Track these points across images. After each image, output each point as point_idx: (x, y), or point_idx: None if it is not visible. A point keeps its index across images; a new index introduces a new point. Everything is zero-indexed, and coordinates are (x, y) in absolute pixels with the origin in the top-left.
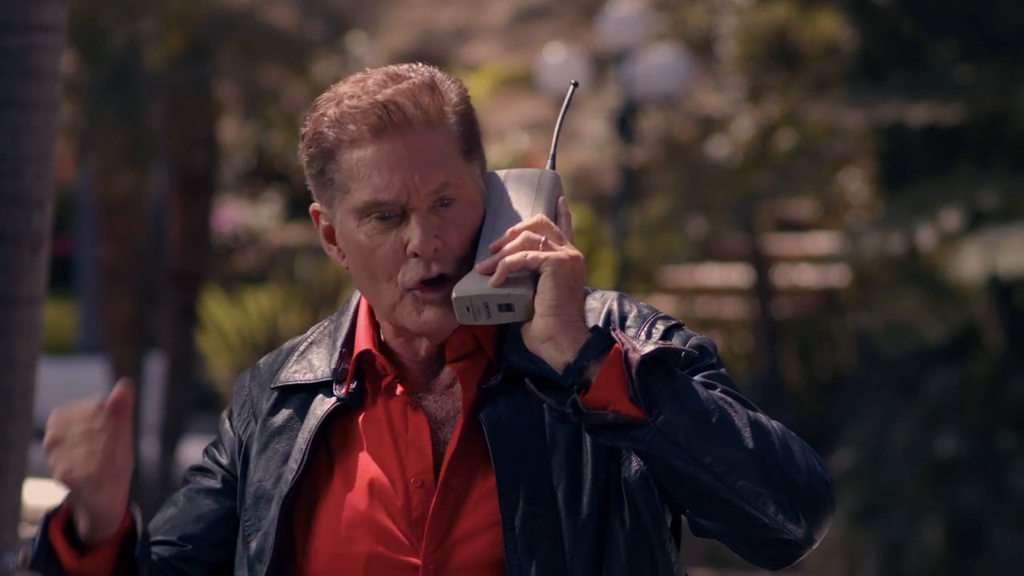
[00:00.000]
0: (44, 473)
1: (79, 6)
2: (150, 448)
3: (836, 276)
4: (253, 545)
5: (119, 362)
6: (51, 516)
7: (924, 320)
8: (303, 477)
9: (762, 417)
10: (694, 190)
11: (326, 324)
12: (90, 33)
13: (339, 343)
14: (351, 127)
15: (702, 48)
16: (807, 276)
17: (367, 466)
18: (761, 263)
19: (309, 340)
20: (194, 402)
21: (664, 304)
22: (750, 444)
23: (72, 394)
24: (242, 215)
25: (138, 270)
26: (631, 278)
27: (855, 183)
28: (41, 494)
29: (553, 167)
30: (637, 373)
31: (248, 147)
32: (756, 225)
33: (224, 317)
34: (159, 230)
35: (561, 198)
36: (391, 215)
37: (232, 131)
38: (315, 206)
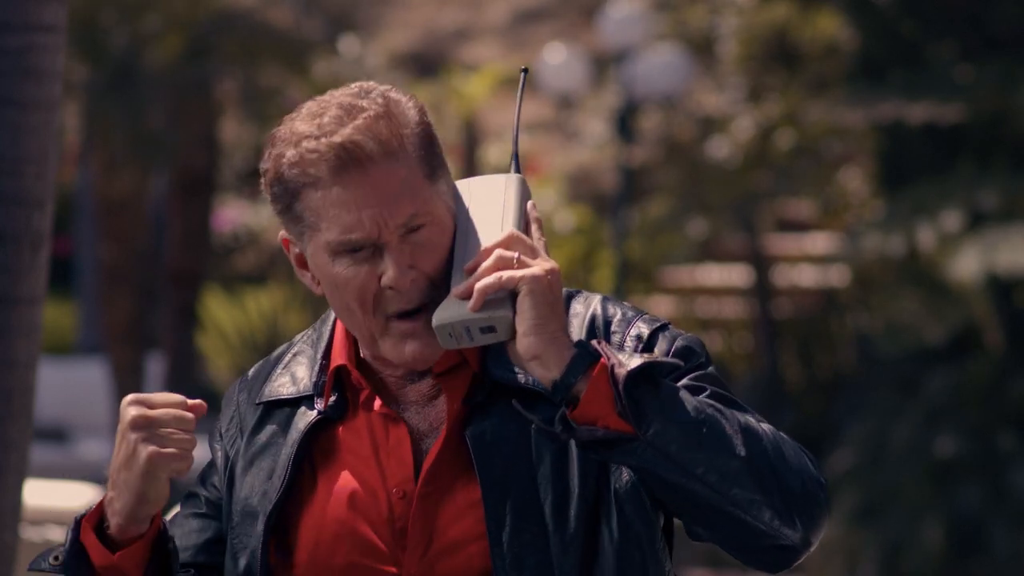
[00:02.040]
0: (44, 473)
1: (79, 6)
2: None
3: (836, 276)
4: (241, 563)
5: (119, 362)
6: (82, 517)
7: (924, 320)
8: (287, 492)
9: (752, 421)
10: (694, 190)
11: (310, 332)
12: (90, 33)
13: (319, 355)
14: (311, 170)
15: (702, 48)
16: (807, 276)
17: (348, 478)
18: (761, 263)
19: (294, 351)
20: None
21: (664, 304)
22: (742, 451)
23: (72, 394)
24: (242, 215)
25: (138, 270)
26: (631, 278)
27: (855, 183)
28: (41, 494)
29: (517, 170)
30: (624, 388)
31: (248, 147)
32: (756, 225)
33: (224, 317)
34: (159, 230)
35: (530, 202)
36: (364, 248)
37: (232, 131)
38: (284, 235)
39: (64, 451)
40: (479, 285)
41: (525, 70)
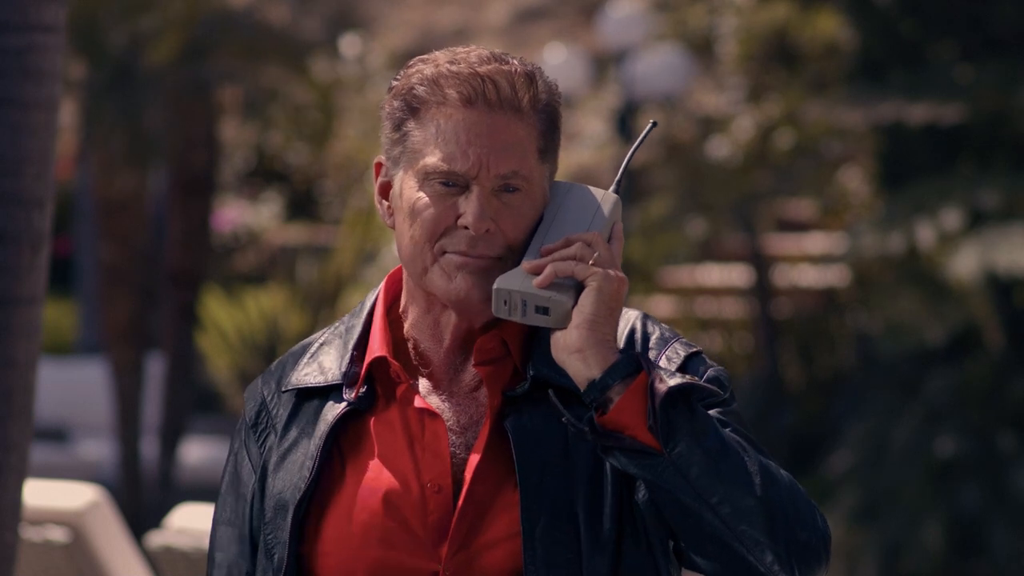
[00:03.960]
0: (44, 473)
1: (79, 6)
2: (150, 448)
3: (836, 276)
4: (276, 557)
5: (119, 362)
6: None
7: (924, 320)
8: (316, 483)
9: (772, 466)
10: (694, 190)
11: (338, 325)
12: (90, 33)
13: (351, 345)
14: (448, 90)
15: (702, 48)
16: (807, 276)
17: (381, 471)
18: (761, 263)
19: (320, 341)
20: (194, 402)
21: (664, 304)
22: (758, 491)
23: (72, 394)
24: (242, 215)
25: (138, 270)
26: (631, 278)
27: (855, 183)
28: (41, 494)
29: (618, 191)
30: (660, 404)
31: (248, 147)
32: (756, 225)
33: (224, 317)
34: (159, 230)
35: (618, 223)
36: (455, 184)
37: (232, 131)
38: (380, 158)
39: (64, 451)
40: (552, 265)
41: (654, 123)
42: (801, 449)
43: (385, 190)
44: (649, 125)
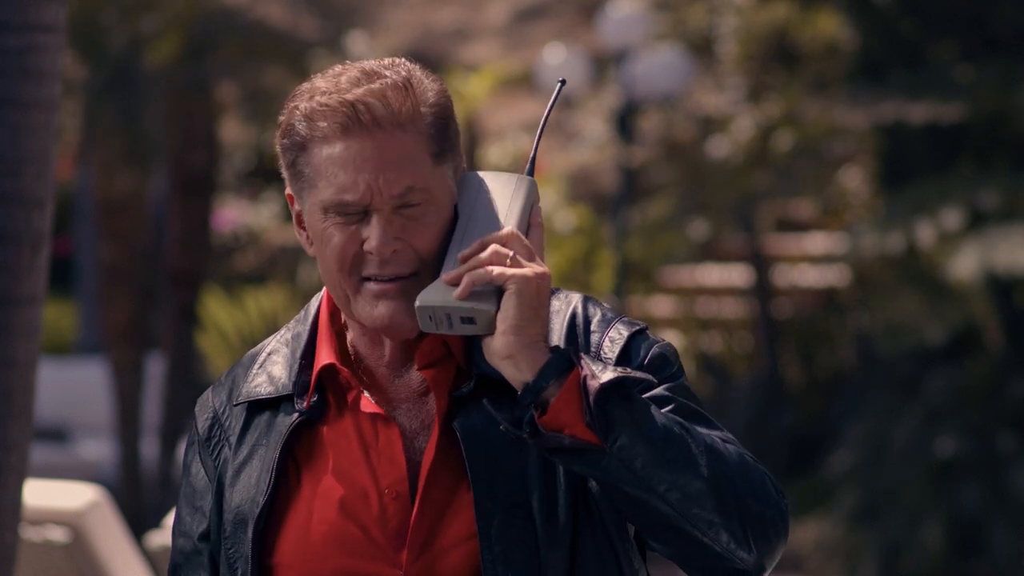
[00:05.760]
0: (44, 473)
1: (79, 6)
2: (150, 448)
3: (836, 276)
4: (239, 571)
5: (119, 362)
6: None
7: (924, 320)
8: (274, 496)
9: (719, 442)
10: (694, 190)
11: (284, 332)
12: (90, 33)
13: (298, 354)
14: (321, 124)
15: (702, 48)
16: (807, 276)
17: (338, 480)
18: (761, 263)
19: (268, 350)
20: (194, 402)
21: (664, 304)
22: (705, 473)
23: (72, 394)
24: (242, 215)
25: (138, 270)
26: (631, 278)
27: (855, 183)
28: (41, 494)
29: (531, 173)
30: (595, 400)
31: (248, 147)
32: (756, 225)
33: (224, 317)
34: (159, 230)
35: (536, 206)
36: (354, 213)
37: (232, 131)
38: (289, 191)
39: (64, 451)
40: (468, 275)
41: (563, 81)
42: (801, 449)
43: (300, 221)
44: (558, 85)
